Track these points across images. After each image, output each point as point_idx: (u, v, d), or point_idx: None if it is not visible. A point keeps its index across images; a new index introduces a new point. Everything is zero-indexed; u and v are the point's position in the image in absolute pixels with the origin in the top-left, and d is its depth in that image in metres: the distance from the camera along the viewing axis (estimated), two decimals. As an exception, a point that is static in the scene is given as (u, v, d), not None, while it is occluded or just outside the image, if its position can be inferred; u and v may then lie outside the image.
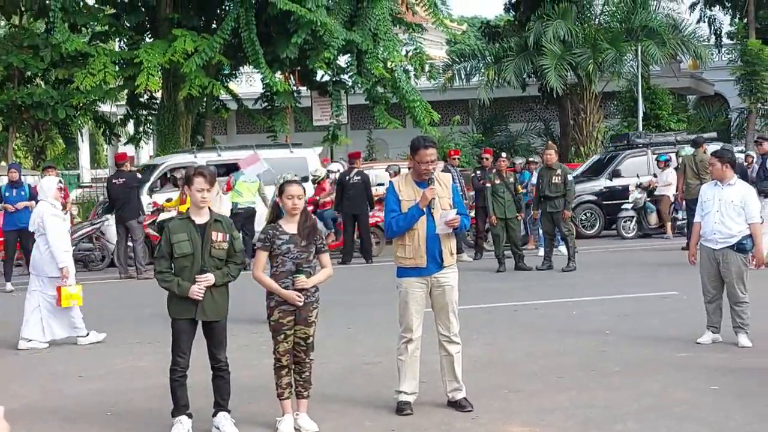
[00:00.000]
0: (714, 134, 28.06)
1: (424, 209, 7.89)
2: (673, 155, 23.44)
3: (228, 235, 7.61)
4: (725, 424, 7.53)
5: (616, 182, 25.19)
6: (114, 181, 19.60)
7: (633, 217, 24.03)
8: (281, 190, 7.65)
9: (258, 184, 19.45)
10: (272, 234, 7.61)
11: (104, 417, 8.41)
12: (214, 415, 7.68)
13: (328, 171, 22.40)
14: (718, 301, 10.48)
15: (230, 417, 7.70)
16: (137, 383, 9.65)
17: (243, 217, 18.87)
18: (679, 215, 23.18)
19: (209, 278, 7.46)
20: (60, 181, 12.68)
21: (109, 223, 20.31)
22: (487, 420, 7.82)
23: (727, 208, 10.23)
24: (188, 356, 7.60)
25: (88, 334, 12.02)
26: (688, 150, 20.24)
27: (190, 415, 7.65)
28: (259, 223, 14.37)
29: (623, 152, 25.90)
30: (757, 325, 10.50)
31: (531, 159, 22.83)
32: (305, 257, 7.60)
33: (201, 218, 7.60)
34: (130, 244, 19.45)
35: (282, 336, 7.59)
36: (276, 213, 7.73)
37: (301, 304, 7.56)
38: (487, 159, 20.16)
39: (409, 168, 8.63)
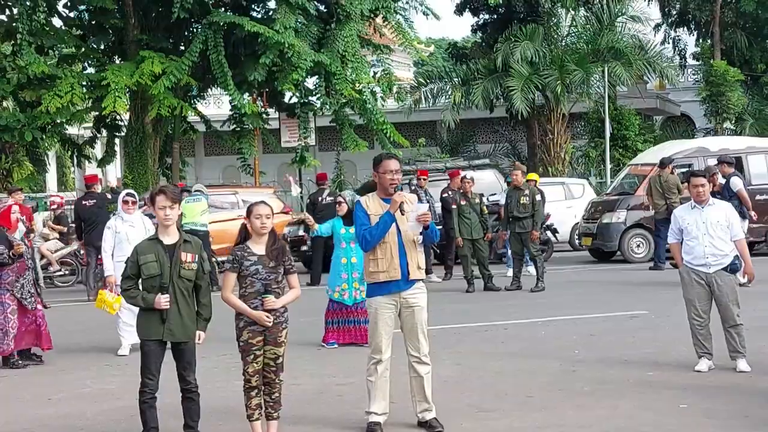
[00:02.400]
0: (487, 160, 28.70)
1: (395, 214, 7.89)
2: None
3: (197, 256, 7.59)
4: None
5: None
6: (84, 202, 19.34)
7: None
8: (249, 211, 7.65)
9: (203, 202, 19.38)
10: (240, 255, 7.60)
11: (72, 440, 8.37)
12: (184, 437, 7.65)
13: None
14: (708, 326, 10.20)
15: (200, 439, 7.67)
16: (106, 405, 9.59)
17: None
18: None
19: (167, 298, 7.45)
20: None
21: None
22: (458, 440, 7.83)
23: (715, 230, 10.04)
24: (157, 378, 7.54)
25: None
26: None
27: (159, 438, 7.61)
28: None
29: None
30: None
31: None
32: (274, 278, 7.59)
33: (169, 239, 7.56)
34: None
35: (251, 356, 7.57)
36: (244, 234, 7.72)
37: (270, 324, 7.54)
38: (453, 180, 20.03)
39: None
